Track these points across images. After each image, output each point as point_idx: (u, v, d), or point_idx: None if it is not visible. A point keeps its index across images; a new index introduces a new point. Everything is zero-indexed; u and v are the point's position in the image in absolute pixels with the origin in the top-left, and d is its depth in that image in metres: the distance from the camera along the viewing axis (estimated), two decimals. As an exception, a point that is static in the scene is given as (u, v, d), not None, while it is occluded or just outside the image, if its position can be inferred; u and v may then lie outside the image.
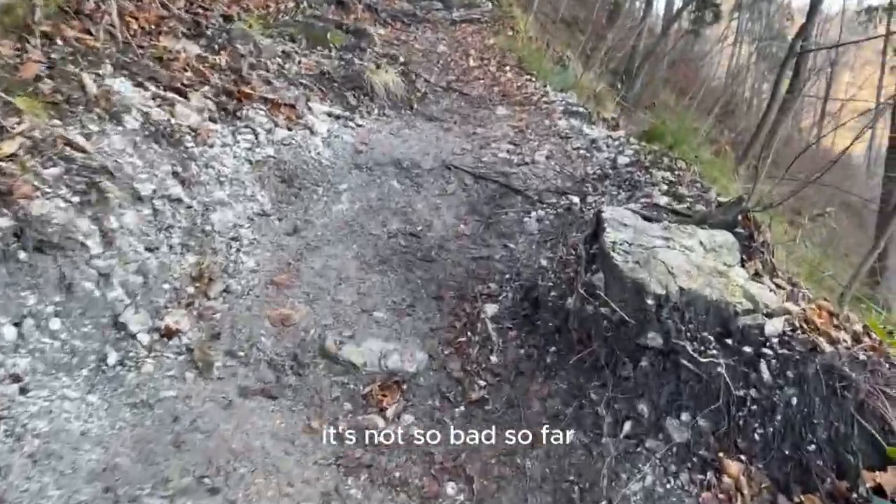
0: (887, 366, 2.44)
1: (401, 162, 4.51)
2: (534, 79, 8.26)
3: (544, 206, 4.07)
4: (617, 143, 4.82)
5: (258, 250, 3.53)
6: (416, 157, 4.61)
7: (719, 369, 2.45)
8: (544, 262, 3.47)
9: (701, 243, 2.84)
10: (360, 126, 5.02)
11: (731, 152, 8.57)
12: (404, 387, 2.92)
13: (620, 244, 2.83)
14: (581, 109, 6.69)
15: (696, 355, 2.49)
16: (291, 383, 2.85)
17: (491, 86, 7.76)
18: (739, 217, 3.01)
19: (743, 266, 2.86)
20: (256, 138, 4.14)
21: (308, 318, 3.15)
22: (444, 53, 9.13)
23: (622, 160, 4.37)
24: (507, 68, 8.59)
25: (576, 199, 4.03)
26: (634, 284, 2.65)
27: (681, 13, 26.39)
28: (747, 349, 2.48)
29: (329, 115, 4.98)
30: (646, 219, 3.11)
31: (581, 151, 4.78)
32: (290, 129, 4.41)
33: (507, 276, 3.52)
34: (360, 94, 5.62)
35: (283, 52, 5.59)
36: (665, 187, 3.70)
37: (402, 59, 6.88)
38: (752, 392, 2.41)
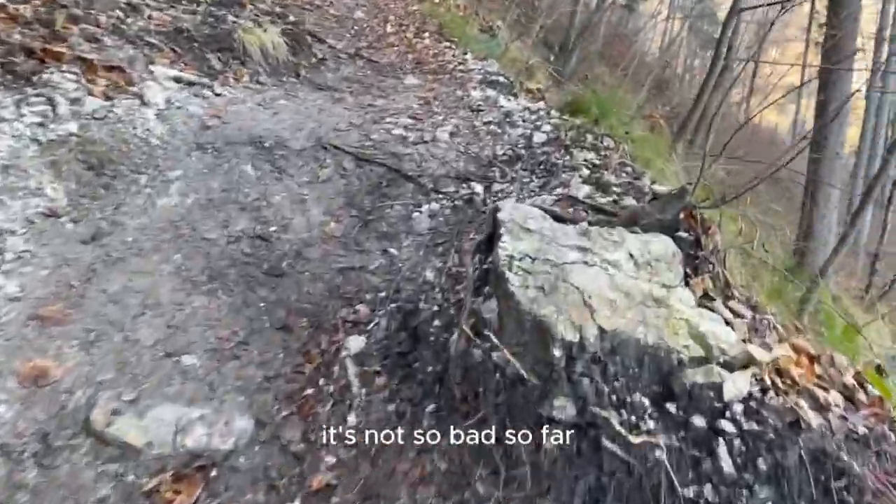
0: (895, 440, 1.65)
1: (262, 140, 3.48)
2: (454, 46, 7.30)
3: (440, 196, 3.15)
4: (535, 117, 3.93)
5: (29, 267, 2.47)
6: (283, 134, 3.60)
7: (659, 454, 1.61)
8: (430, 276, 2.55)
9: (631, 256, 1.97)
10: (218, 95, 3.95)
11: (666, 127, 7.86)
12: (212, 473, 1.96)
13: (520, 259, 1.94)
14: (501, 79, 5.78)
15: (624, 432, 1.64)
16: (29, 482, 1.85)
17: (405, 53, 6.75)
18: (681, 215, 2.17)
19: (688, 285, 2.02)
20: (54, 110, 3.03)
21: (77, 371, 2.14)
22: (361, 20, 8.04)
23: (538, 137, 3.48)
24: (426, 35, 7.59)
25: (479, 188, 3.12)
26: (536, 323, 1.76)
27: (614, -14, 25.81)
28: (698, 422, 1.64)
29: (178, 80, 3.88)
30: (558, 219, 2.22)
31: (492, 127, 3.86)
32: (109, 99, 3.31)
33: (383, 293, 2.59)
34: (228, 56, 4.52)
35: (127, 3, 4.41)
36: (587, 172, 2.84)
37: (292, 18, 5.76)
38: (708, 490, 1.58)
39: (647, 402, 1.68)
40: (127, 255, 2.66)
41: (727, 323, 1.89)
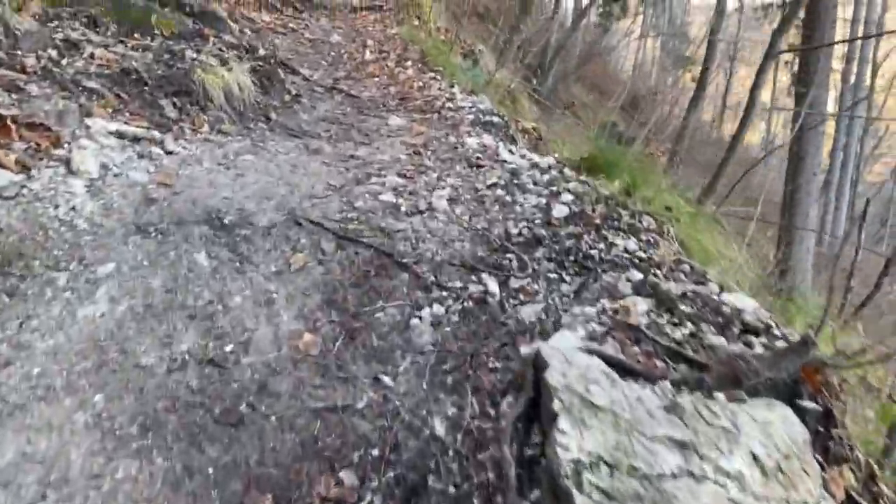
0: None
1: (220, 215, 2.77)
2: (439, 77, 6.66)
3: (444, 294, 2.46)
4: (547, 178, 3.27)
5: None
6: (248, 205, 2.89)
7: None
8: (440, 429, 1.87)
9: (754, 458, 1.31)
10: (169, 154, 3.22)
11: (661, 157, 7.30)
12: None
13: (592, 468, 1.27)
14: (496, 119, 5.14)
15: None
16: None
17: (387, 85, 6.09)
18: (800, 373, 1.53)
19: (825, 486, 1.38)
20: (-57, 191, 2.30)
21: None
22: (338, 45, 7.38)
23: (559, 210, 2.82)
24: (409, 63, 6.94)
25: (492, 285, 2.45)
26: None
27: (589, 8, 25.61)
28: None
29: (120, 136, 3.15)
30: (626, 371, 1.57)
31: (498, 192, 3.19)
32: (26, 170, 2.58)
33: (376, 450, 1.90)
34: (185, 101, 3.80)
35: (64, 40, 3.68)
36: (638, 275, 2.19)
37: (262, 52, 5.05)
38: None
39: None
40: (29, 399, 1.93)
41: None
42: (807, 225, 14.95)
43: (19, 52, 3.32)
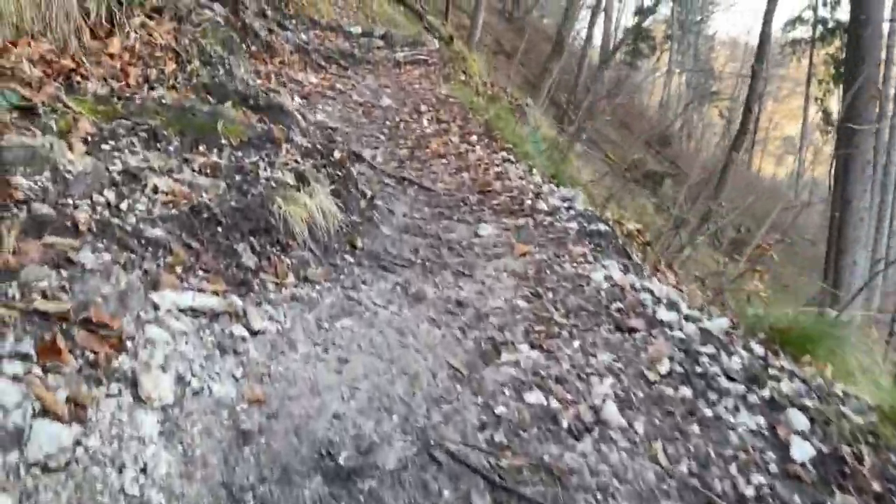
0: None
1: (333, 452, 2.00)
2: (512, 157, 5.93)
3: None
4: (738, 362, 2.45)
5: None
6: (364, 426, 2.12)
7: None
8: None
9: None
10: (255, 334, 2.48)
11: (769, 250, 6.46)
12: None
13: None
14: (602, 227, 4.36)
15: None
16: None
17: (458, 169, 5.37)
18: None
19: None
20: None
21: None
22: (390, 109, 6.70)
23: (801, 450, 1.96)
24: (474, 137, 6.22)
25: None
26: None
27: (619, 47, 25.03)
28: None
29: (194, 313, 2.42)
30: None
31: (684, 392, 2.37)
32: (80, 412, 1.84)
33: None
34: (264, 242, 3.08)
35: (122, 172, 2.98)
36: None
37: (337, 154, 4.35)
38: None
39: None
40: None
41: None
42: (854, 275, 13.82)
43: (70, 202, 2.62)
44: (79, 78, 3.47)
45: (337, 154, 4.29)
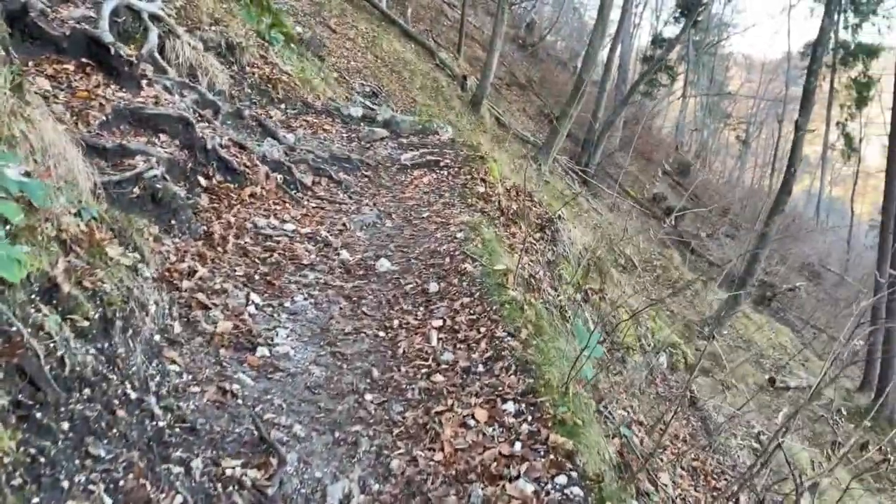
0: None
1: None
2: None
3: None
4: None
5: None
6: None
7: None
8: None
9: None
10: None
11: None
12: None
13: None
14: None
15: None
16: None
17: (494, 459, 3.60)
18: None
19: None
20: None
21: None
22: (389, 281, 4.48)
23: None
24: (508, 373, 3.70)
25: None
26: None
27: (639, 83, 23.16)
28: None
29: None
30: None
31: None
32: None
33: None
34: None
35: None
36: None
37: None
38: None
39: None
40: None
41: None
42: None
43: None
44: None
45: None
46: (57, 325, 2.11)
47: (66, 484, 1.91)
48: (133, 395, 2.41)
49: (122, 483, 2.07)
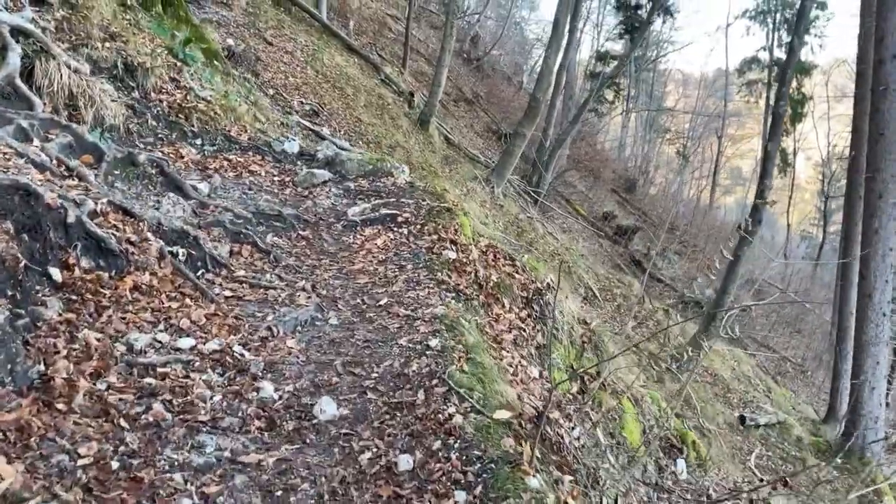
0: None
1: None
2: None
3: None
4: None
5: None
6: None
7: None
8: None
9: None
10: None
11: None
12: None
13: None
14: None
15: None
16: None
17: None
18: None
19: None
20: None
21: None
22: (342, 396, 3.20)
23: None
24: None
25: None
26: None
27: (589, 101, 22.33)
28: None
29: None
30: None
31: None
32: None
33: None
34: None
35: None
36: None
37: None
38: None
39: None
40: None
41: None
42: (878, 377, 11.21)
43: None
44: None
45: None
46: None
47: None
48: None
49: None
